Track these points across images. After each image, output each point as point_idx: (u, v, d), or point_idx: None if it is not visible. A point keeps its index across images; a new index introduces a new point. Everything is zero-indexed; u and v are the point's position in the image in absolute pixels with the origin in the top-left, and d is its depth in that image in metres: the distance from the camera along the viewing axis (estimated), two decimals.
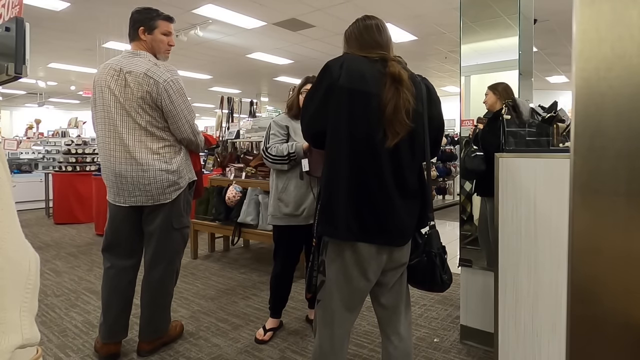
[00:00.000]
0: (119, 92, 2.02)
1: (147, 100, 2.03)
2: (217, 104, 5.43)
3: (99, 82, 2.07)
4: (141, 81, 2.01)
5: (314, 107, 1.37)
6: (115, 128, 2.03)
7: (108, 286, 2.18)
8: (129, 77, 2.02)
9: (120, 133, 2.03)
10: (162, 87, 2.03)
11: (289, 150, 2.24)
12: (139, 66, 2.04)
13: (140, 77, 2.01)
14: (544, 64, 8.73)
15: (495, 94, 2.52)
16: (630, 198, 0.59)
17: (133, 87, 2.01)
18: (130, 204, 2.10)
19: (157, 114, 2.07)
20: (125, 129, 2.03)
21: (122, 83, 2.02)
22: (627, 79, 0.59)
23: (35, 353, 0.58)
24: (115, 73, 2.04)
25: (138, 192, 2.07)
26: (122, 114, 2.03)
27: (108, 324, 2.16)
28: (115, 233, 2.17)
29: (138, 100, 2.02)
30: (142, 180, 2.06)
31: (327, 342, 1.40)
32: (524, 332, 1.72)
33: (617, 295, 0.60)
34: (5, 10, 1.07)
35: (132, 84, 2.01)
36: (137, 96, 2.02)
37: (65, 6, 5.60)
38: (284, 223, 2.35)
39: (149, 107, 2.04)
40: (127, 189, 2.07)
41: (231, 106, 5.24)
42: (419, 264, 1.43)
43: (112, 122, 2.04)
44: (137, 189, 2.06)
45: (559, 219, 1.62)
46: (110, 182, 2.11)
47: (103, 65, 2.11)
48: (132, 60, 2.07)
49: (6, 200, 0.55)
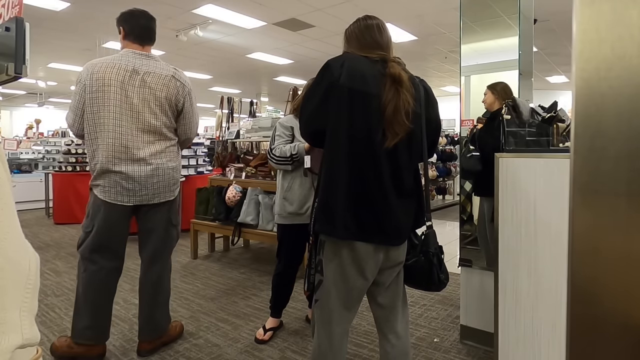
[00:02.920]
0: (132, 92, 2.02)
1: (171, 101, 2.10)
2: (217, 104, 5.43)
3: (103, 80, 1.99)
4: (168, 83, 2.09)
5: (313, 106, 1.37)
6: (124, 127, 2.02)
7: (98, 288, 2.12)
8: (147, 78, 2.05)
9: (130, 132, 2.02)
10: (187, 90, 2.17)
11: (291, 152, 2.29)
12: (161, 69, 2.10)
13: (166, 79, 2.09)
14: (544, 64, 8.74)
15: (494, 93, 2.52)
16: (630, 198, 0.59)
17: (155, 87, 2.06)
18: (134, 202, 2.09)
19: (174, 115, 2.14)
20: (135, 129, 2.04)
21: (138, 84, 2.03)
22: (627, 79, 0.59)
23: (35, 353, 0.58)
24: (126, 73, 2.02)
25: (145, 190, 2.08)
26: (131, 114, 2.02)
27: (100, 325, 2.13)
28: (108, 233, 2.10)
29: (161, 100, 2.07)
30: (151, 180, 2.08)
31: (325, 341, 1.40)
32: (524, 332, 1.72)
33: (617, 295, 0.60)
34: (5, 10, 1.07)
35: (153, 84, 2.05)
36: (161, 97, 2.07)
37: (65, 6, 5.60)
38: (289, 222, 2.38)
39: (169, 108, 2.11)
40: (133, 188, 2.06)
41: (231, 106, 5.24)
42: (417, 264, 1.43)
43: (121, 121, 2.01)
44: (144, 187, 2.08)
45: (559, 219, 1.62)
46: (111, 181, 2.04)
47: (102, 64, 2.02)
48: (147, 62, 2.09)
49: (6, 200, 0.55)
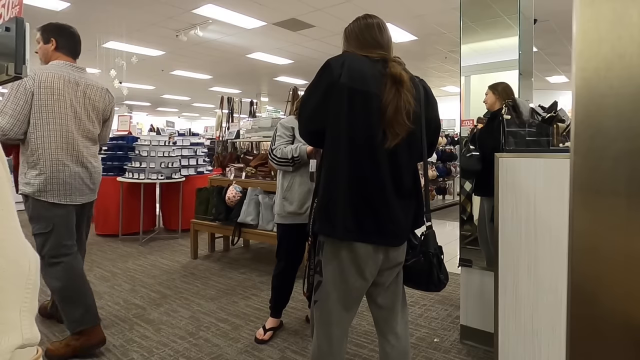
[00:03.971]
0: (76, 103, 2.26)
1: (105, 112, 2.44)
2: (217, 104, 5.44)
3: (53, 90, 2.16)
4: (104, 96, 2.41)
5: (312, 105, 1.36)
6: (72, 134, 2.24)
7: (80, 277, 2.31)
8: (88, 91, 2.32)
9: (76, 139, 2.26)
10: (114, 102, 2.53)
11: (292, 154, 2.29)
12: (96, 82, 2.40)
13: (103, 92, 2.40)
14: (544, 64, 8.73)
15: (495, 93, 2.52)
16: (630, 198, 0.59)
17: (95, 99, 2.35)
18: (82, 201, 2.32)
19: (100, 123, 2.45)
20: (80, 135, 2.28)
21: (80, 94, 2.28)
22: (627, 79, 0.59)
23: (35, 353, 0.58)
24: (70, 84, 2.24)
25: (88, 190, 2.34)
26: (76, 122, 2.27)
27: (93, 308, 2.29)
28: (71, 231, 2.28)
29: (98, 111, 2.38)
30: (92, 180, 2.36)
31: (325, 342, 1.40)
32: (524, 332, 1.72)
33: (617, 295, 0.60)
34: (5, 10, 1.07)
35: (92, 96, 2.34)
36: (99, 108, 2.38)
37: (65, 6, 5.60)
38: (289, 222, 2.39)
39: (102, 117, 2.44)
40: (79, 189, 2.28)
41: (231, 106, 5.25)
42: (416, 264, 1.43)
43: (69, 128, 2.23)
44: (87, 188, 2.33)
45: (559, 219, 1.62)
46: (61, 184, 2.19)
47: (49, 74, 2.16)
48: (83, 75, 2.34)
49: (6, 200, 0.55)
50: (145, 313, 2.83)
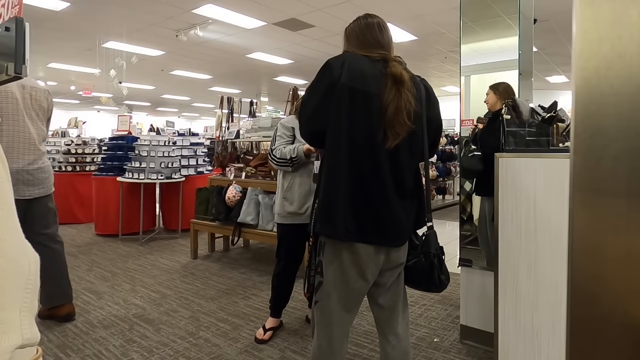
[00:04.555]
0: (23, 104, 2.45)
1: (48, 111, 2.66)
2: (217, 104, 5.44)
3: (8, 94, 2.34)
4: (47, 96, 2.63)
5: (313, 106, 1.35)
6: (25, 133, 2.43)
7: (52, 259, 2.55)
8: (34, 92, 2.52)
9: (30, 137, 2.45)
10: (52, 101, 2.73)
11: (291, 155, 2.30)
12: (37, 84, 2.60)
13: (45, 93, 2.61)
14: (544, 64, 8.73)
15: (496, 93, 2.52)
16: (630, 198, 0.59)
17: (40, 100, 2.55)
18: (34, 196, 2.49)
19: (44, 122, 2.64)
20: (34, 134, 2.48)
21: (28, 96, 2.49)
22: (627, 79, 0.59)
23: (35, 353, 0.58)
24: (19, 87, 2.41)
25: (41, 185, 2.52)
26: (28, 122, 2.46)
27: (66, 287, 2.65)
28: None
29: (44, 110, 2.60)
30: (43, 175, 2.53)
31: (325, 342, 1.39)
32: (524, 332, 1.72)
33: (617, 295, 0.60)
34: (5, 10, 1.07)
35: (38, 97, 2.54)
36: (45, 107, 2.60)
37: (65, 6, 5.60)
38: (289, 222, 2.39)
39: (45, 117, 2.64)
40: (32, 184, 2.47)
41: (231, 106, 5.25)
42: (417, 265, 1.42)
43: (22, 128, 2.42)
44: (40, 182, 2.51)
45: (559, 219, 1.62)
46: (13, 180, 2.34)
47: None
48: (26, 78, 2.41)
49: (6, 200, 0.55)
50: (145, 313, 2.83)
